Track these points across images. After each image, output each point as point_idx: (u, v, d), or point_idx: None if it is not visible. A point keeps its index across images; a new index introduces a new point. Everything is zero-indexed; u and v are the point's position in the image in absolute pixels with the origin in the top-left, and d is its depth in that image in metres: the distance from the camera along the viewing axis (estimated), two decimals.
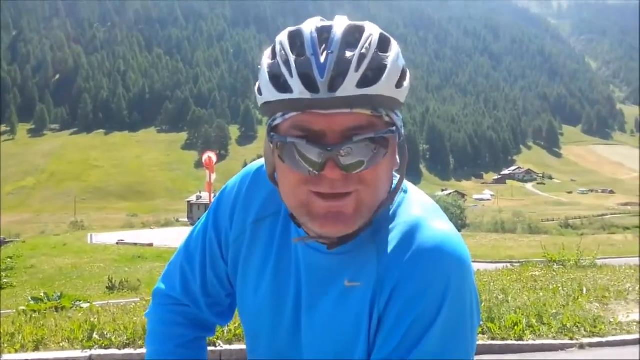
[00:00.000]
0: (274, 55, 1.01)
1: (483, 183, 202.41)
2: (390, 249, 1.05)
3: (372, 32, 0.99)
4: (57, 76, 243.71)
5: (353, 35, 0.98)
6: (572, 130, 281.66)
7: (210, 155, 15.32)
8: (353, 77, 0.93)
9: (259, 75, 1.03)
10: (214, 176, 15.21)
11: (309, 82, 0.93)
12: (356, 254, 1.08)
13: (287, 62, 0.97)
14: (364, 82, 0.94)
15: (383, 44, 1.00)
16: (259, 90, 1.02)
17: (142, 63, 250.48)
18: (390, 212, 1.09)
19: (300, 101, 0.94)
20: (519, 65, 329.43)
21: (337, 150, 0.95)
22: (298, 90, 0.94)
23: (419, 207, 1.09)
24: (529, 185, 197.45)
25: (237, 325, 5.71)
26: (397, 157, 1.07)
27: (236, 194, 1.24)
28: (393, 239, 1.05)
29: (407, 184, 1.14)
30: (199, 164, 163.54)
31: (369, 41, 0.97)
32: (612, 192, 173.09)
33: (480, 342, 6.04)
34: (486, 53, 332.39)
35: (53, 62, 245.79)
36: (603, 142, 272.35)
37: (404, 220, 1.07)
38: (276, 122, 1.00)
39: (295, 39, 1.00)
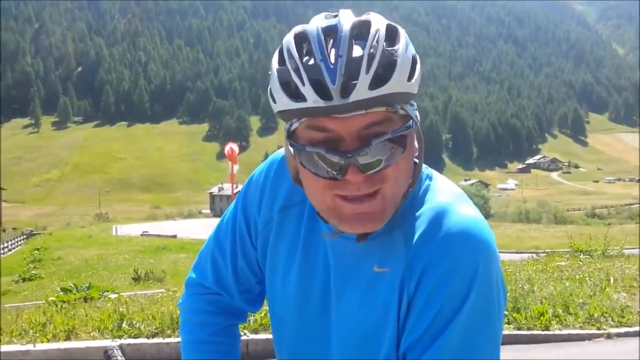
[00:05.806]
0: (282, 60, 1.02)
1: (507, 172, 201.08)
2: (418, 234, 1.07)
3: (378, 26, 0.99)
4: (80, 68, 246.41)
5: (360, 32, 0.98)
6: (598, 118, 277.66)
7: (233, 147, 15.32)
8: (364, 79, 0.94)
9: (270, 80, 1.03)
10: (236, 167, 15.21)
11: (321, 90, 0.94)
12: (384, 240, 1.09)
13: (297, 69, 0.97)
14: (375, 83, 0.94)
15: (391, 37, 1.00)
16: (272, 96, 1.03)
17: (162, 54, 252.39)
18: (417, 198, 1.11)
19: (314, 109, 0.95)
20: (544, 52, 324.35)
21: (357, 155, 0.96)
22: (311, 98, 0.95)
23: (445, 193, 1.11)
24: (554, 175, 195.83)
25: (262, 314, 5.75)
26: (416, 142, 1.07)
27: (263, 181, 1.25)
28: (420, 224, 1.07)
29: (432, 171, 1.17)
30: (220, 156, 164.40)
31: (376, 37, 0.97)
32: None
33: (506, 332, 6.00)
34: (510, 40, 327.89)
35: (75, 54, 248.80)
36: (630, 130, 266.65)
37: (431, 206, 1.08)
38: (293, 127, 1.01)
39: (302, 42, 1.00)
